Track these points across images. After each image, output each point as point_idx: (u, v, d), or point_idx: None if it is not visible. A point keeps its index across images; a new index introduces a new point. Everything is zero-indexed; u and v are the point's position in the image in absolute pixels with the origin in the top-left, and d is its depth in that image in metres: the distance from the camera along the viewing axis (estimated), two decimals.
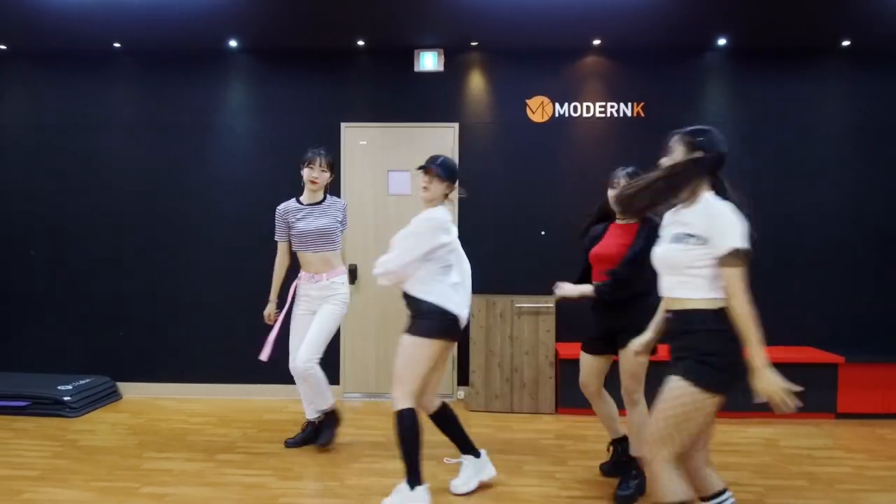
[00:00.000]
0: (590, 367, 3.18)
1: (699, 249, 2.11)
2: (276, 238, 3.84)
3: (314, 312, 3.71)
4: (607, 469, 3.34)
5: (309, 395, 3.74)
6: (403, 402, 2.87)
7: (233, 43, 4.85)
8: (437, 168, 2.99)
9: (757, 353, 2.03)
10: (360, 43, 4.84)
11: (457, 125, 4.94)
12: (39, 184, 5.02)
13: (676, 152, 2.24)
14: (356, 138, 4.96)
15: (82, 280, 5.00)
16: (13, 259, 5.03)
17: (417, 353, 2.89)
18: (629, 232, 3.02)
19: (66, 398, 4.44)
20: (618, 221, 3.12)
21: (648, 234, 2.83)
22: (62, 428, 4.14)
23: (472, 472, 3.17)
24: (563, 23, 4.39)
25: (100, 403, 4.69)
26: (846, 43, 4.74)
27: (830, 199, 4.85)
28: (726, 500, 2.26)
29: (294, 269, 3.85)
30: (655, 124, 4.86)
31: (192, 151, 4.99)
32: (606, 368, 3.19)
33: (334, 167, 3.84)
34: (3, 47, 4.95)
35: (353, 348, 4.98)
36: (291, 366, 3.70)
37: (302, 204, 3.76)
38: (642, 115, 4.90)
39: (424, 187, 3.02)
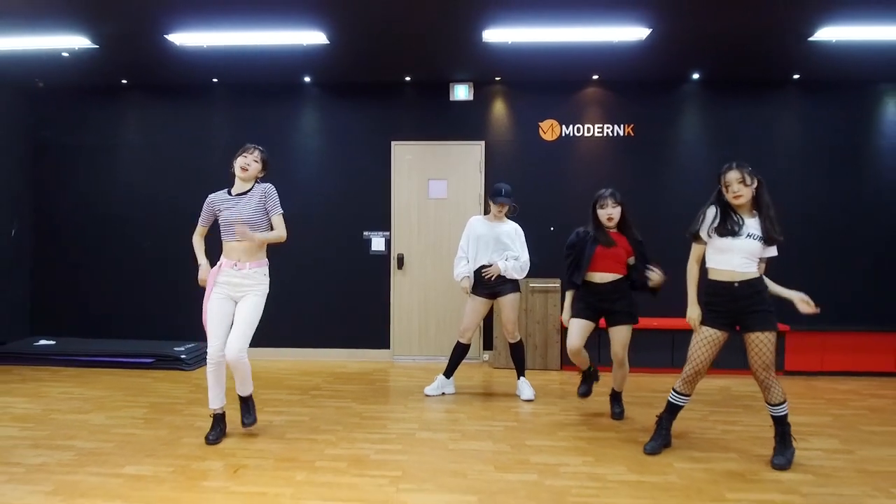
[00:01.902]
0: (585, 329, 4.15)
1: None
2: (199, 224, 3.85)
3: (234, 300, 3.67)
4: (586, 390, 4.45)
5: (219, 387, 3.75)
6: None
7: (307, 78, 6.12)
8: (509, 198, 4.69)
9: None
10: (407, 78, 6.09)
11: (483, 143, 6.17)
12: (152, 190, 6.35)
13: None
14: (403, 154, 6.21)
15: (189, 267, 6.29)
16: (130, 250, 6.36)
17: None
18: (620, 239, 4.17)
19: (182, 356, 5.76)
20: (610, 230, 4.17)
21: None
22: (186, 377, 5.46)
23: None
24: (568, 62, 5.52)
25: (204, 361, 5.99)
26: (796, 76, 5.89)
27: (786, 201, 5.92)
28: None
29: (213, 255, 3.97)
30: (643, 141, 6.10)
31: (274, 163, 6.24)
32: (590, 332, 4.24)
33: (267, 166, 3.82)
34: (124, 81, 6.27)
35: (401, 320, 6.24)
36: (213, 353, 3.63)
37: (230, 195, 3.74)
38: (632, 134, 6.11)
39: (500, 210, 4.63)
